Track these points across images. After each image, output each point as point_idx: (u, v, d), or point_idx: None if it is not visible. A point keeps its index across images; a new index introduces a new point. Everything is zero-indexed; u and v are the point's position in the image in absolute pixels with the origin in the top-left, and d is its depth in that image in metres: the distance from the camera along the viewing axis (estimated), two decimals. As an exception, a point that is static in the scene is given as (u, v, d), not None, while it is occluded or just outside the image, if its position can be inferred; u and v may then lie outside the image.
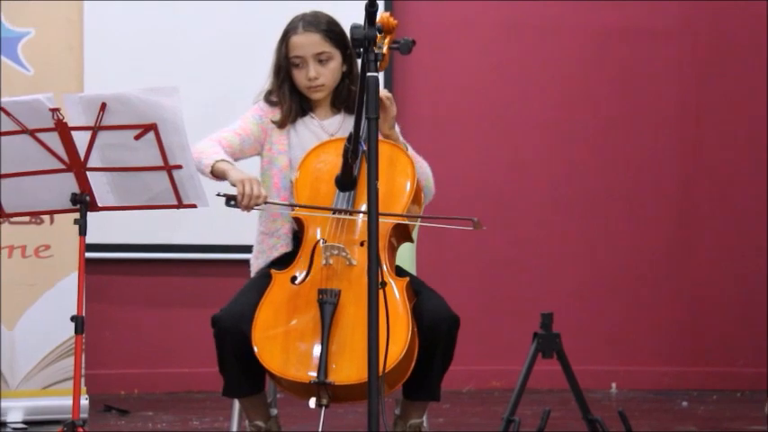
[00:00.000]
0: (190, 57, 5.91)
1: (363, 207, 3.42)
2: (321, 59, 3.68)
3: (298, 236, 3.65)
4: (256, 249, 3.76)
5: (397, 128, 3.70)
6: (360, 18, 3.03)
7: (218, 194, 3.43)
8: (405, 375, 3.38)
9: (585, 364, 5.68)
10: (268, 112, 3.76)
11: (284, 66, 3.72)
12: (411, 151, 3.66)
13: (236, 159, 3.66)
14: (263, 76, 3.80)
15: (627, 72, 6.36)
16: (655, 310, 6.36)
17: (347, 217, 3.51)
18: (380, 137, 3.54)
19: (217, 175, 3.54)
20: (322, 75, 3.69)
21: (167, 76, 5.57)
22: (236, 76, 5.66)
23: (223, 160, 3.55)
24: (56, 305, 4.75)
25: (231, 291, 3.60)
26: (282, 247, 3.70)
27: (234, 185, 3.47)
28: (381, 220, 3.18)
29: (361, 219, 3.50)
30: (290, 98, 3.73)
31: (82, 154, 3.33)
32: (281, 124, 3.73)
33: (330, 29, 3.69)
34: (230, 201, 3.45)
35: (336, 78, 3.73)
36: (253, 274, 3.75)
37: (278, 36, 3.74)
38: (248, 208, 3.46)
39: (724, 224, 6.38)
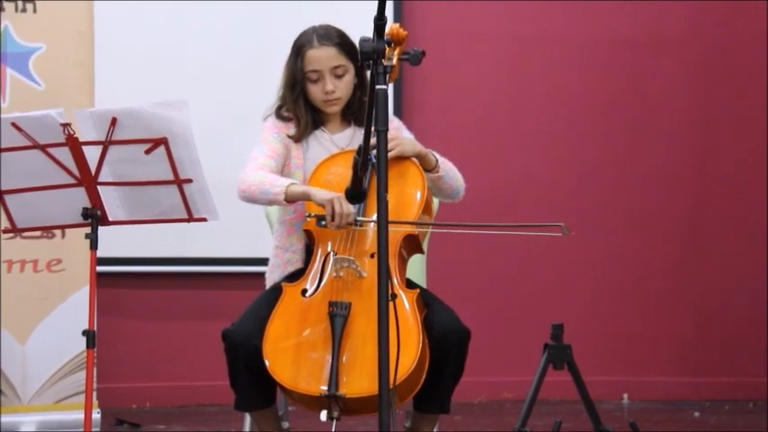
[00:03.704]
0: (199, 70, 5.92)
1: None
2: (337, 73, 3.68)
3: (309, 248, 3.65)
4: (271, 263, 3.75)
5: (410, 135, 3.72)
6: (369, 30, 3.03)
7: (308, 215, 3.45)
8: (416, 388, 3.38)
9: (597, 375, 5.67)
10: (283, 127, 3.75)
11: (300, 80, 3.71)
12: (439, 156, 3.65)
13: None
14: (272, 90, 3.80)
15: (635, 81, 6.35)
16: (666, 320, 6.35)
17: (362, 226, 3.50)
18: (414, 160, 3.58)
19: (293, 199, 3.52)
20: (339, 88, 3.69)
21: (177, 89, 5.58)
22: (246, 90, 5.68)
23: (294, 183, 3.53)
24: (68, 319, 4.74)
25: (244, 304, 3.60)
26: (298, 262, 3.68)
27: (322, 206, 3.44)
28: (450, 231, 3.15)
29: (372, 229, 3.50)
30: (305, 112, 3.73)
31: (93, 168, 3.34)
32: (297, 139, 3.73)
33: (343, 41, 3.69)
34: (321, 221, 3.43)
35: (350, 91, 3.74)
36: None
37: (287, 50, 3.75)
38: (339, 227, 3.45)
39: (734, 234, 6.36)
